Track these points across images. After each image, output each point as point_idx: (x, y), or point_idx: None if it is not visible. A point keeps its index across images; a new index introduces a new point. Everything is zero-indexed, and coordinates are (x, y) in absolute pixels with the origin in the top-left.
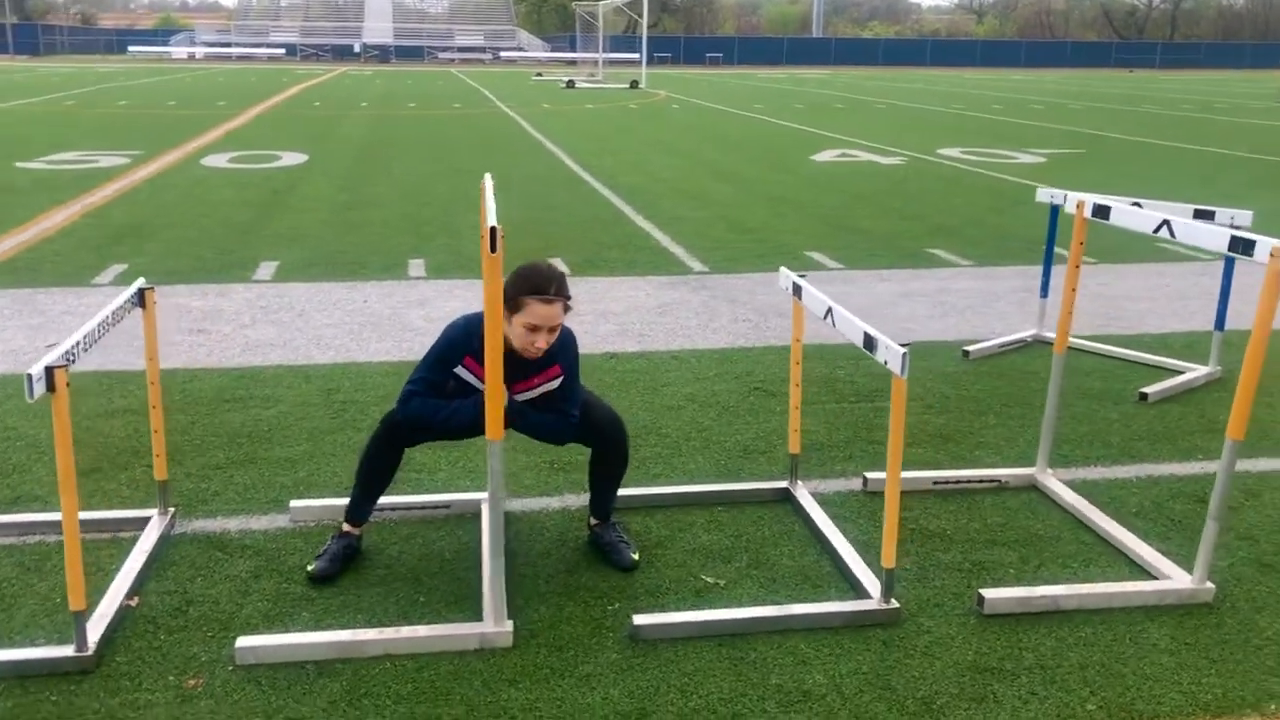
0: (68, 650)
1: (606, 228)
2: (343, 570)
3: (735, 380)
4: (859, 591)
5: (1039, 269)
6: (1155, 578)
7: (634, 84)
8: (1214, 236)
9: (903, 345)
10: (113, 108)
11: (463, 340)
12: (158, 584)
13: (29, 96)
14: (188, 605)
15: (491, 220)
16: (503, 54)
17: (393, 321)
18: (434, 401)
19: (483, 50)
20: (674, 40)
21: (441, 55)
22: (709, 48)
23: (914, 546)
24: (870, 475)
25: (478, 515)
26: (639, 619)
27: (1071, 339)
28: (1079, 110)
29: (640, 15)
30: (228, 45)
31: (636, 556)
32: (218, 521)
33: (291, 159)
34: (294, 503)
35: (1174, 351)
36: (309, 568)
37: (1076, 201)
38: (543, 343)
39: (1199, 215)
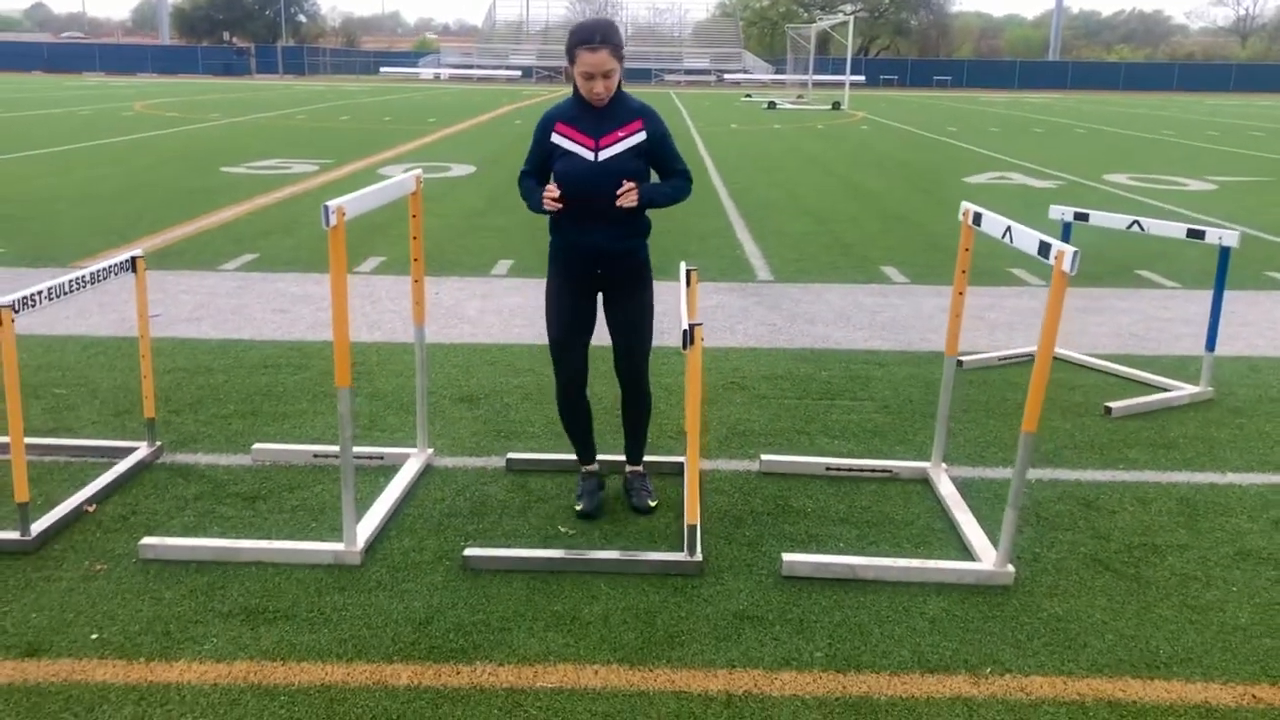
0: (14, 534)
1: (704, 239)
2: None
3: (718, 374)
4: (685, 547)
5: (1111, 291)
6: (970, 560)
7: (836, 105)
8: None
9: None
10: (334, 122)
11: (547, 118)
12: (119, 497)
13: (268, 110)
14: (131, 514)
15: None
16: (726, 76)
17: (451, 312)
18: (529, 184)
19: (708, 73)
20: (900, 63)
21: (668, 78)
22: (936, 71)
23: (768, 518)
24: (765, 456)
25: (402, 465)
26: (469, 550)
27: (1083, 355)
28: None
29: (846, 39)
30: (470, 67)
31: (654, 504)
32: (194, 456)
33: (460, 170)
34: (256, 445)
35: (1188, 375)
36: (576, 507)
37: (964, 209)
38: (600, 88)
39: (1192, 234)
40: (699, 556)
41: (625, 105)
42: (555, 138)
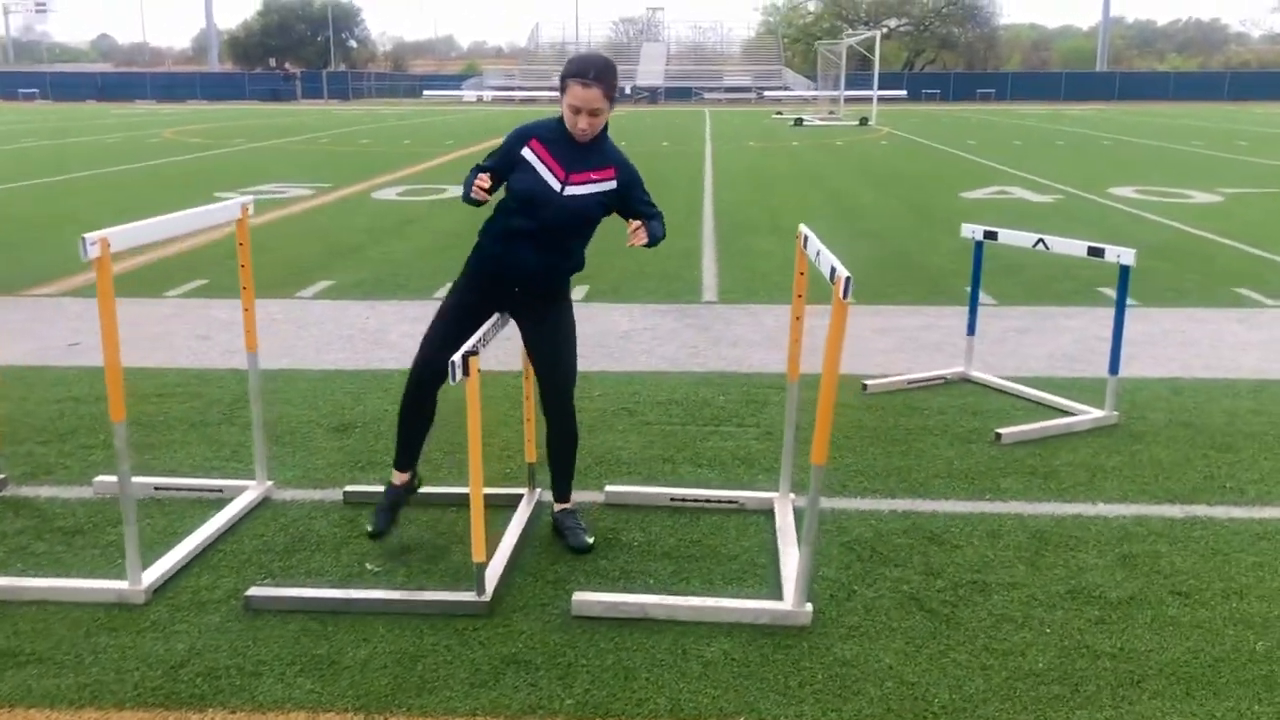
0: None
1: (667, 259)
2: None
3: (613, 400)
4: (476, 587)
5: (1063, 309)
6: (776, 599)
7: (863, 121)
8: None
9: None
10: (353, 146)
11: (525, 131)
12: None
13: (295, 135)
14: None
15: None
16: (766, 93)
17: (373, 337)
18: (475, 174)
19: (748, 90)
20: (944, 77)
21: (707, 96)
22: (980, 84)
23: (588, 553)
24: (610, 488)
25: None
26: (252, 591)
27: (996, 378)
28: None
29: (873, 54)
30: (512, 89)
31: (591, 540)
32: (38, 489)
33: (455, 191)
34: (98, 477)
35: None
36: (367, 528)
37: (800, 232)
38: (584, 124)
39: (1092, 252)
40: (487, 596)
41: (604, 149)
42: (527, 152)
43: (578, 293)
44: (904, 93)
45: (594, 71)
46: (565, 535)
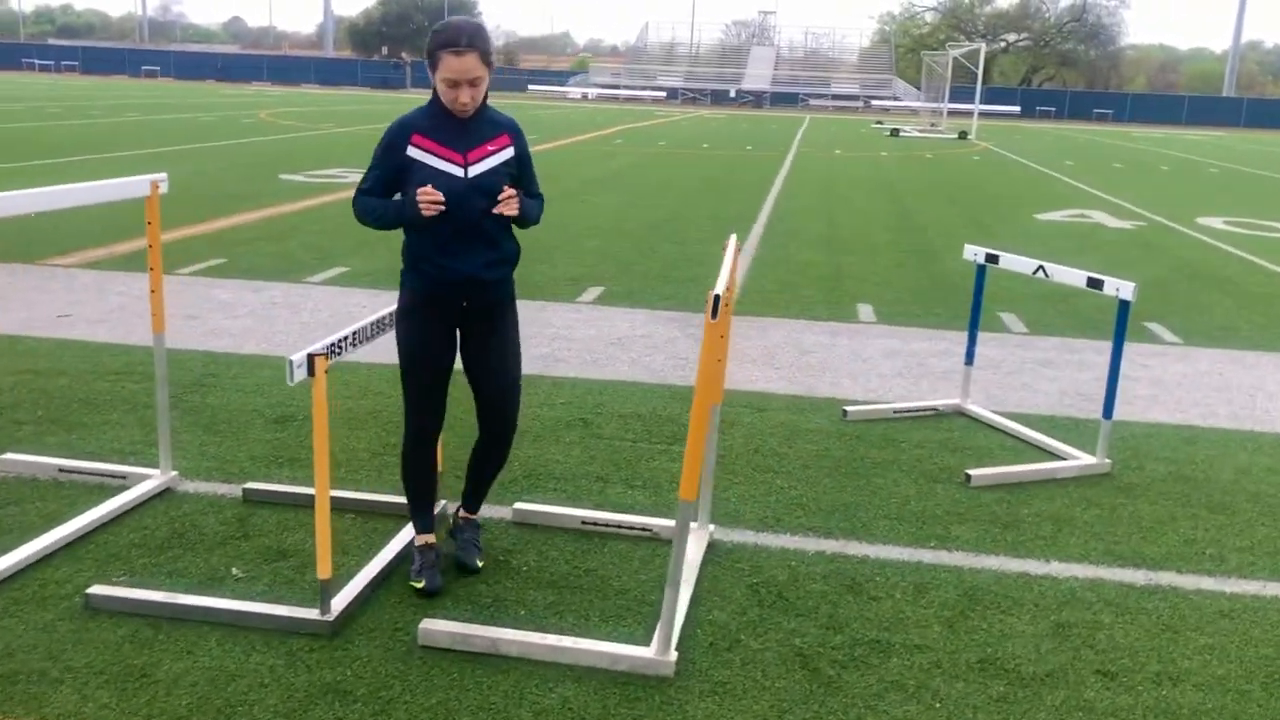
0: None
1: (697, 264)
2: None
3: (574, 409)
4: (321, 605)
5: (1093, 343)
6: (643, 644)
7: (963, 135)
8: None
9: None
10: None
11: (400, 126)
12: None
13: (384, 121)
14: None
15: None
16: (874, 102)
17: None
18: (375, 201)
19: (856, 99)
20: (1060, 94)
21: (813, 103)
22: (1098, 103)
23: (474, 575)
24: (519, 505)
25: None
26: (92, 589)
27: (990, 413)
28: None
29: (976, 66)
30: (616, 87)
31: (480, 562)
32: None
33: None
34: (5, 455)
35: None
36: (417, 585)
37: (726, 243)
38: (465, 97)
39: (1091, 283)
40: (331, 616)
41: (490, 118)
42: (414, 151)
43: (590, 294)
44: (1016, 109)
45: (466, 38)
46: (457, 549)
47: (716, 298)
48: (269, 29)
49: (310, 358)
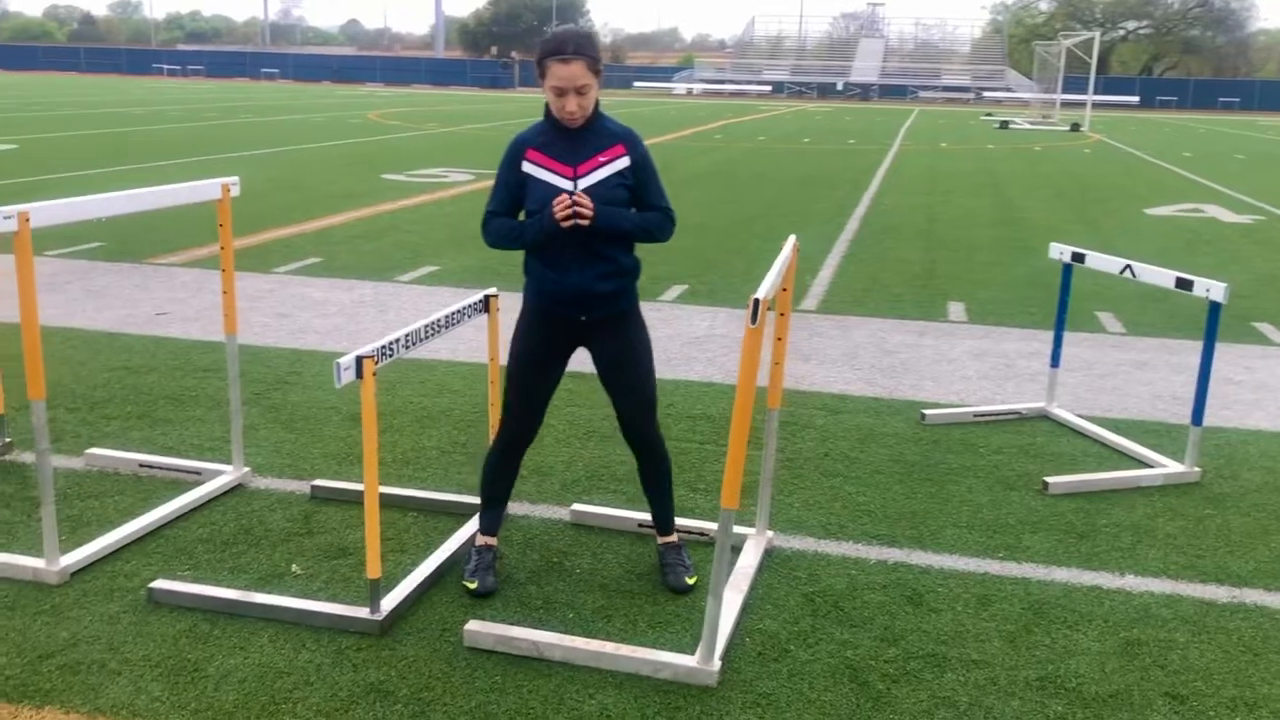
0: None
1: (757, 261)
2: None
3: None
4: (372, 605)
5: (1196, 344)
6: (688, 652)
7: (1075, 127)
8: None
9: None
10: None
11: (516, 143)
12: None
13: (488, 121)
14: None
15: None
16: (986, 94)
17: None
18: (508, 222)
19: (967, 90)
20: (1182, 83)
21: (923, 95)
22: (1223, 92)
23: (526, 576)
24: (576, 507)
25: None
26: (155, 584)
27: (1078, 418)
28: None
29: (1090, 56)
30: (721, 82)
31: (692, 581)
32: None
33: None
34: (90, 450)
35: (1206, 453)
36: (470, 585)
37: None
38: (572, 105)
39: (1180, 284)
40: (381, 615)
41: (604, 128)
42: (527, 166)
43: (671, 293)
44: (1135, 99)
45: (573, 45)
46: (664, 573)
47: (756, 302)
48: (384, 30)
49: (359, 360)
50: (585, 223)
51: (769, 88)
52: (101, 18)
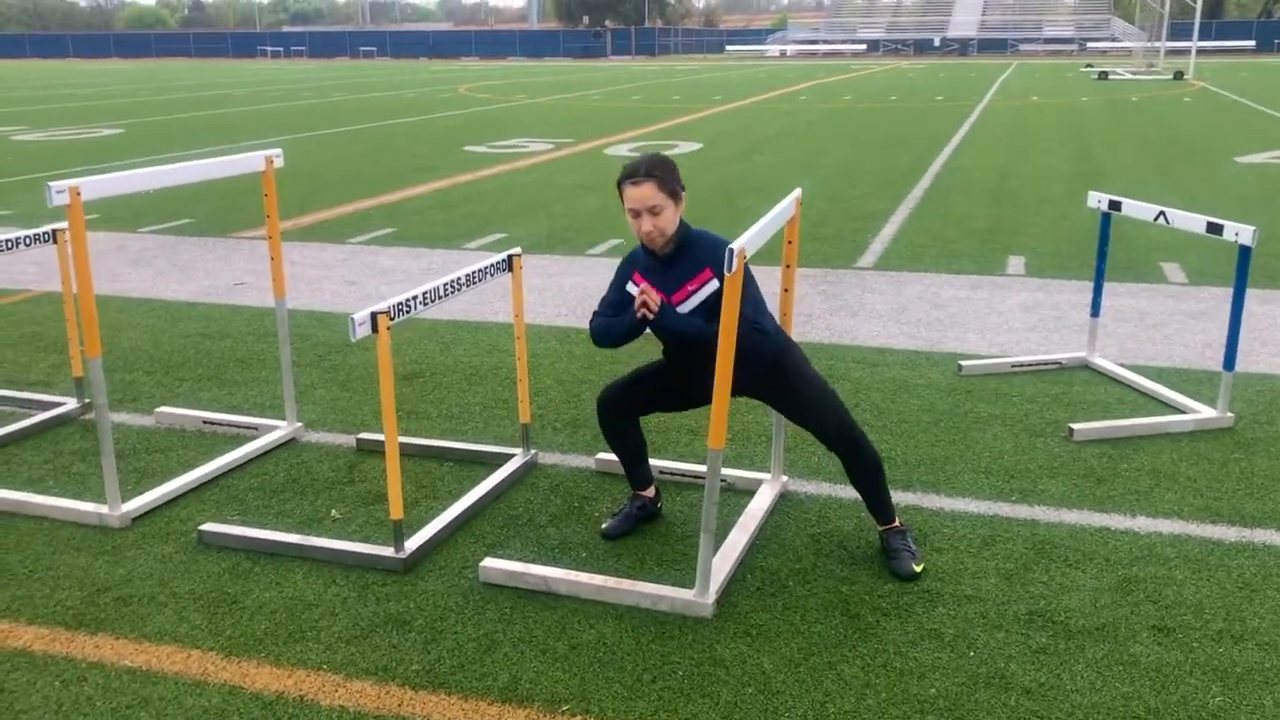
0: None
1: (850, 221)
2: (633, 528)
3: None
4: (395, 543)
5: (1262, 293)
6: (686, 587)
7: (1179, 75)
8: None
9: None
10: (624, 102)
11: (628, 261)
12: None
13: (575, 91)
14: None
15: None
16: (1090, 45)
17: (498, 289)
18: (605, 319)
19: (1070, 41)
20: None
21: (1024, 48)
22: None
23: (549, 519)
24: (601, 455)
25: (261, 436)
26: (205, 526)
27: (1118, 367)
28: None
29: (1194, 1)
30: (814, 42)
31: (919, 568)
32: (115, 415)
33: (686, 148)
34: (160, 408)
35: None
36: (602, 526)
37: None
38: (648, 226)
39: (1211, 228)
40: (404, 554)
41: (691, 254)
42: (632, 288)
43: None
44: (1251, 43)
45: (643, 168)
46: (889, 559)
47: (730, 251)
48: (481, 4)
49: (373, 315)
50: (651, 316)
51: (864, 46)
52: (210, 3)
